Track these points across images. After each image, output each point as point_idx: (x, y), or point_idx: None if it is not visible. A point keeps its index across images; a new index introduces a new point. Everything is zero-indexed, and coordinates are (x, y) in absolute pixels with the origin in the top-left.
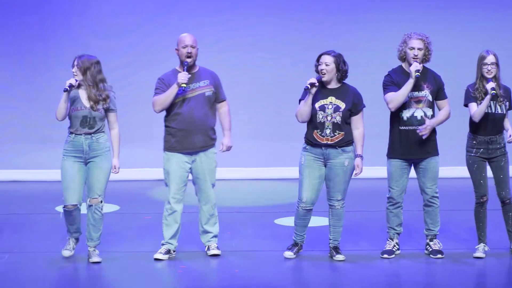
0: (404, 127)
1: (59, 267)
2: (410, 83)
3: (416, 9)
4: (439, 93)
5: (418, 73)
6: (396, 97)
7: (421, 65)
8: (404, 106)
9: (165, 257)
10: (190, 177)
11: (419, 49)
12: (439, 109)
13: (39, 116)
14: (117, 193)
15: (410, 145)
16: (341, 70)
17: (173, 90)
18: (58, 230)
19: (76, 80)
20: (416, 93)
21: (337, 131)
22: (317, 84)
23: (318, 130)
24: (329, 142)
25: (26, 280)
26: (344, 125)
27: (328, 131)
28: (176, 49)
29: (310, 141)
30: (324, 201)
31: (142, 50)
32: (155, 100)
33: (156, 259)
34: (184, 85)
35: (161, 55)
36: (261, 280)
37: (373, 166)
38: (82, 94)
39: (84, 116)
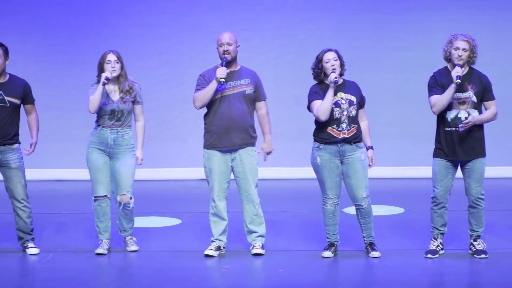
0: (448, 128)
1: (103, 266)
2: (452, 88)
3: (462, 8)
4: (485, 94)
5: (459, 80)
6: (439, 101)
7: (463, 69)
8: (449, 107)
9: (216, 253)
10: (232, 176)
11: (463, 49)
12: (486, 110)
13: (82, 115)
14: (163, 193)
15: (455, 146)
16: (343, 64)
17: (212, 86)
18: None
19: (111, 73)
20: (459, 94)
21: (352, 124)
22: (338, 78)
23: (334, 126)
24: (346, 136)
25: (70, 279)
26: (356, 118)
27: (344, 125)
28: (216, 47)
29: (325, 139)
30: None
31: (177, 50)
32: (196, 96)
33: (207, 255)
34: (223, 80)
35: (204, 53)
36: (304, 280)
37: (419, 166)
38: (109, 87)
39: (112, 109)
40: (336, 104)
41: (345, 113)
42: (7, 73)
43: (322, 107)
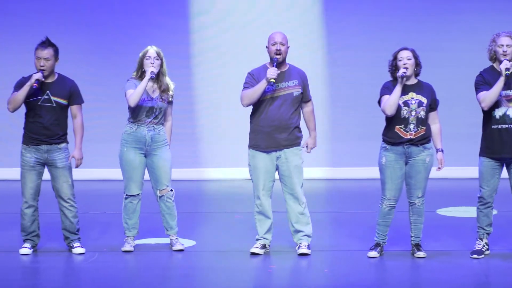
0: (496, 126)
1: (148, 266)
2: (501, 81)
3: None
4: None
5: (508, 71)
6: (488, 96)
7: (511, 62)
8: (496, 104)
9: (261, 251)
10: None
11: (507, 45)
12: None
13: (122, 115)
14: (205, 193)
15: (503, 143)
16: (419, 64)
17: (262, 85)
18: (148, 229)
19: (153, 74)
20: (508, 92)
21: (420, 126)
22: (406, 73)
23: (402, 126)
24: (412, 137)
25: (116, 278)
26: (426, 120)
27: (412, 126)
28: (266, 46)
29: (392, 140)
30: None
31: (228, 49)
32: (244, 94)
33: (253, 253)
34: (273, 80)
35: (254, 53)
36: (349, 280)
37: (465, 166)
38: (149, 84)
39: (151, 107)
40: (405, 104)
41: (413, 113)
42: (56, 73)
43: (388, 101)
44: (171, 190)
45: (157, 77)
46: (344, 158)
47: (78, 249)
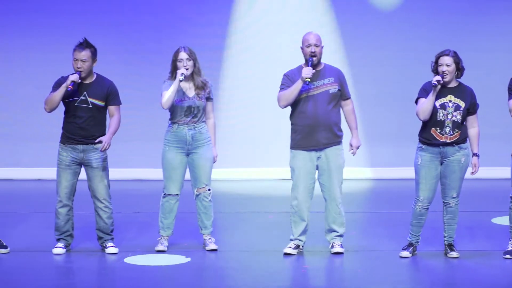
0: None
1: (183, 266)
2: None
3: None
4: None
5: None
6: None
7: None
8: None
9: (294, 251)
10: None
11: None
12: None
13: (162, 114)
14: (239, 192)
15: None
16: (461, 68)
17: (297, 85)
18: (182, 230)
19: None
20: None
21: (456, 129)
22: (442, 81)
23: (438, 128)
24: (447, 141)
25: (149, 278)
26: (462, 124)
27: (447, 129)
28: (301, 47)
29: (428, 140)
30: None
31: (267, 49)
32: (280, 96)
33: (286, 254)
34: (309, 79)
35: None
36: (383, 280)
37: (494, 167)
38: (184, 85)
39: (188, 106)
40: (442, 106)
41: (449, 116)
42: (94, 73)
43: (421, 107)
44: (209, 190)
45: (191, 77)
46: (378, 158)
47: (111, 249)
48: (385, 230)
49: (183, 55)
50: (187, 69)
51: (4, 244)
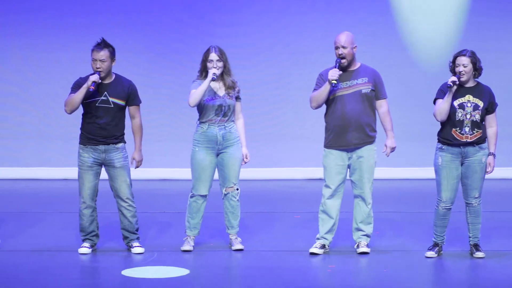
0: None
1: (208, 265)
2: None
3: None
4: None
5: None
6: None
7: None
8: None
9: (320, 251)
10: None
11: None
12: None
13: (188, 114)
14: (269, 192)
15: None
16: (478, 68)
17: (325, 88)
18: (209, 230)
19: (215, 76)
20: None
21: (475, 129)
22: (457, 82)
23: (457, 128)
24: (468, 140)
25: (175, 278)
26: (481, 123)
27: (467, 129)
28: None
29: (448, 141)
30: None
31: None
32: (311, 97)
33: (312, 253)
34: (334, 82)
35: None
36: (408, 280)
37: None
38: (214, 85)
39: (219, 104)
40: (461, 106)
41: (468, 116)
42: (113, 74)
43: (438, 108)
44: (237, 189)
45: (221, 76)
46: (398, 158)
47: (137, 249)
48: (410, 230)
49: (213, 56)
50: (218, 69)
51: None
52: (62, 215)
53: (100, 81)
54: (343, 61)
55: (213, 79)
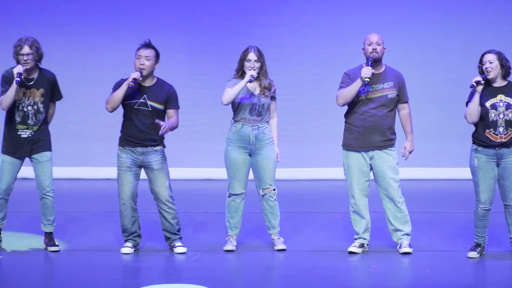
0: None
1: (250, 265)
2: None
3: None
4: None
5: None
6: None
7: None
8: None
9: (359, 250)
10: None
11: None
12: None
13: (228, 113)
14: (312, 192)
15: None
16: (505, 66)
17: (356, 84)
18: (254, 229)
19: (256, 72)
20: None
21: (509, 128)
22: (482, 82)
23: (491, 129)
24: (503, 140)
25: (216, 278)
26: None
27: (501, 129)
28: (362, 48)
29: (483, 142)
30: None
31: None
32: (339, 94)
33: (351, 252)
34: (368, 79)
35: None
36: (451, 281)
37: None
38: (250, 85)
39: (253, 103)
40: (493, 106)
41: (501, 116)
42: (155, 77)
43: (467, 110)
44: (274, 189)
45: (257, 77)
46: (441, 158)
47: (179, 249)
48: (452, 230)
49: (252, 56)
50: (255, 70)
51: (56, 243)
52: (105, 215)
53: (141, 78)
54: (375, 55)
55: (250, 81)
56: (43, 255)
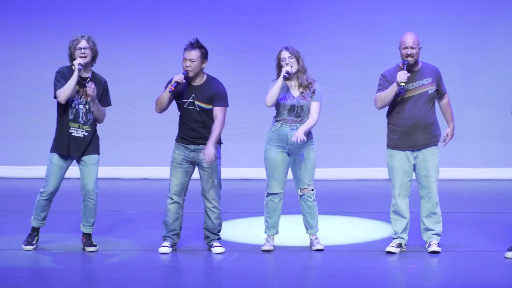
0: None
1: (287, 265)
2: None
3: None
4: None
5: None
6: None
7: None
8: None
9: (397, 250)
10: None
11: None
12: None
13: (267, 113)
14: (350, 193)
15: None
16: None
17: (392, 89)
18: (292, 229)
19: (292, 68)
20: None
21: None
22: None
23: None
24: None
25: (254, 278)
26: None
27: None
28: (398, 47)
29: None
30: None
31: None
32: (376, 97)
33: (388, 252)
34: (403, 84)
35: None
36: (486, 281)
37: None
38: (290, 83)
39: (292, 105)
40: None
41: None
42: (205, 75)
43: None
44: (313, 190)
45: (295, 75)
46: (481, 158)
47: (217, 249)
48: (489, 230)
49: (284, 54)
50: (290, 66)
51: (94, 243)
52: (143, 215)
53: (184, 81)
54: (410, 60)
55: (284, 77)
56: (81, 255)
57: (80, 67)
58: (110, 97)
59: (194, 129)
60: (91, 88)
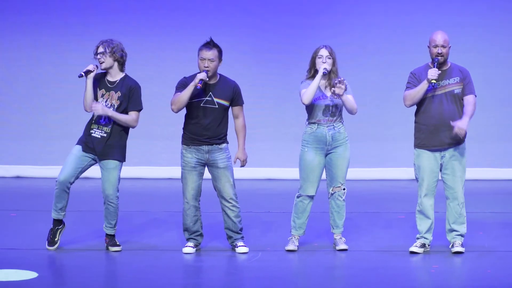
0: None
1: (311, 265)
2: None
3: None
4: None
5: None
6: None
7: None
8: None
9: (420, 250)
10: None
11: None
12: None
13: (292, 113)
14: (374, 192)
15: None
16: None
17: (423, 86)
18: (315, 229)
19: (328, 67)
20: None
21: None
22: None
23: None
24: None
25: (278, 278)
26: None
27: None
28: (428, 46)
29: None
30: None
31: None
32: (406, 95)
33: (412, 252)
34: (434, 81)
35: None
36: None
37: None
38: (323, 82)
39: (326, 105)
40: None
41: None
42: (218, 74)
43: None
44: (344, 189)
45: (329, 76)
46: (507, 158)
47: (241, 248)
48: (511, 231)
49: (323, 51)
50: (328, 65)
51: (118, 243)
52: (167, 214)
53: (207, 79)
54: (440, 58)
55: (324, 73)
56: (104, 254)
57: (81, 74)
58: (140, 100)
59: (210, 128)
60: (97, 108)
